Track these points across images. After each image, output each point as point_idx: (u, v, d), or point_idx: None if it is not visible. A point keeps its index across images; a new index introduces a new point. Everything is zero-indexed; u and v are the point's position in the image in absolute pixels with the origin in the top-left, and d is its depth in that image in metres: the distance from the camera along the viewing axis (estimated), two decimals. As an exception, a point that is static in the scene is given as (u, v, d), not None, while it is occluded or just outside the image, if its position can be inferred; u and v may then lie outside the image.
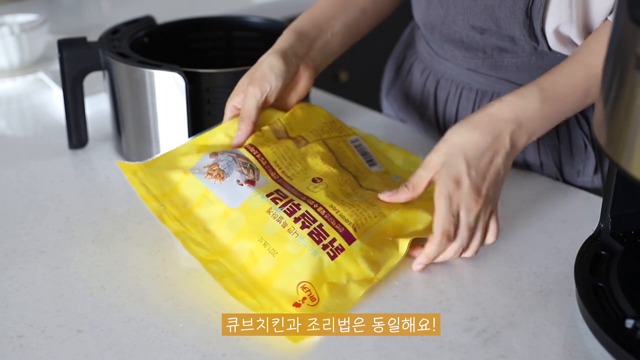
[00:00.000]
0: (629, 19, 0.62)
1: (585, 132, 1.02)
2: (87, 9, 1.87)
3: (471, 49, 1.02)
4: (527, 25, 0.93)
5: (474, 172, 0.84)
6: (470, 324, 0.77)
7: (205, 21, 1.22)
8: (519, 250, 0.88)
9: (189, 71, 1.01)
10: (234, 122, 0.95)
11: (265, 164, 0.89)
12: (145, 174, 0.89)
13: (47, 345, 0.75)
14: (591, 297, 0.76)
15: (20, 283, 0.84)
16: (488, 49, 1.01)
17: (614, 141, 0.65)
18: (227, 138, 0.95)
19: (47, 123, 1.24)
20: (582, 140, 1.02)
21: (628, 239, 0.83)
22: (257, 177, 0.87)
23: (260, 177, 0.87)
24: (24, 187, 1.04)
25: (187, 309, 0.79)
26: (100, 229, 0.94)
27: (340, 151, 0.96)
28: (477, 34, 0.99)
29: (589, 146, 1.02)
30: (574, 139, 1.03)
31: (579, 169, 1.04)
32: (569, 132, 1.02)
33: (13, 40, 1.37)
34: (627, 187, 0.81)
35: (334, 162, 0.93)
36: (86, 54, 1.06)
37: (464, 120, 0.86)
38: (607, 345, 0.72)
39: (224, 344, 0.75)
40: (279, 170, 0.90)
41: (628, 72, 0.62)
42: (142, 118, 1.04)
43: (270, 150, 0.91)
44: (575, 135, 1.02)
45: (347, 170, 0.93)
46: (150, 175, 0.89)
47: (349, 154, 0.96)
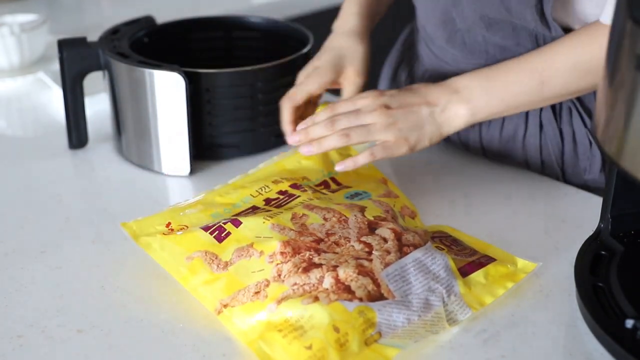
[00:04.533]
0: (629, 19, 0.62)
1: (589, 129, 1.02)
2: (87, 9, 1.87)
3: (473, 50, 1.02)
4: (539, 10, 0.92)
5: (396, 98, 0.91)
6: (470, 324, 0.77)
7: (205, 21, 1.22)
8: (518, 250, 0.88)
9: (189, 71, 1.01)
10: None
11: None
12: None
13: (47, 345, 0.75)
14: (591, 297, 0.76)
15: (20, 283, 0.84)
16: (490, 49, 1.01)
17: (613, 141, 0.65)
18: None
19: (47, 123, 1.24)
20: (587, 138, 1.02)
21: (628, 239, 0.83)
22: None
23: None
24: (24, 187, 1.04)
25: (187, 309, 0.79)
26: (100, 229, 0.94)
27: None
28: (482, 28, 0.98)
29: (594, 144, 1.02)
30: (579, 137, 1.02)
31: (584, 166, 1.04)
32: (573, 130, 1.02)
33: (13, 40, 1.37)
34: (627, 187, 0.81)
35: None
36: (86, 54, 1.06)
37: None
38: (607, 345, 0.72)
39: (224, 344, 0.75)
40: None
41: (628, 72, 0.62)
42: (142, 118, 1.04)
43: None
44: (580, 134, 1.02)
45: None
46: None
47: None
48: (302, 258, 0.78)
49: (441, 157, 1.10)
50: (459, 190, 1.01)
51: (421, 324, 0.75)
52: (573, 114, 1.02)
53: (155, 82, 1.01)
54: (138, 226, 0.86)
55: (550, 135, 1.03)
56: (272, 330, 0.73)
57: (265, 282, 0.77)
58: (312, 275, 0.76)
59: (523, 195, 1.00)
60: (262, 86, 1.06)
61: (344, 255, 0.79)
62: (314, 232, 0.82)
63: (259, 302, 0.76)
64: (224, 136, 1.07)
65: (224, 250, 0.81)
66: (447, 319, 0.76)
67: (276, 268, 0.78)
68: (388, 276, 0.77)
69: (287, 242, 0.80)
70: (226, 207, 0.89)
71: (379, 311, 0.74)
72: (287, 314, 0.73)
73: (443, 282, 0.78)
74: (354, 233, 0.82)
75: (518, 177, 1.04)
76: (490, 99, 0.91)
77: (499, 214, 0.95)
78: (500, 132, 1.06)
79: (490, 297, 0.79)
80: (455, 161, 1.09)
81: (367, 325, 0.73)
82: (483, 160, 1.08)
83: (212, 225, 0.84)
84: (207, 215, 0.87)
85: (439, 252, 0.81)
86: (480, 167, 1.07)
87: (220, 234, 0.83)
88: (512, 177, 1.04)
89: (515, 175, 1.04)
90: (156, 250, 0.83)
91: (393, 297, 0.75)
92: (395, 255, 0.79)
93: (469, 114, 0.91)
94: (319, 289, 0.75)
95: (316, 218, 0.85)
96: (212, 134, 1.07)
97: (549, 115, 1.02)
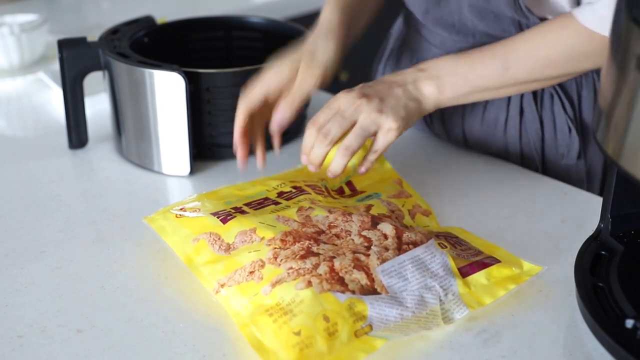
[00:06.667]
0: (629, 19, 0.62)
1: (569, 115, 1.04)
2: (87, 9, 1.87)
3: (461, 32, 1.03)
4: (512, 1, 0.94)
5: (368, 88, 0.92)
6: (470, 324, 0.77)
7: (205, 21, 1.22)
8: (519, 250, 0.88)
9: (189, 71, 1.01)
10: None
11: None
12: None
13: (47, 345, 0.75)
14: (591, 297, 0.76)
15: (20, 283, 0.84)
16: (477, 35, 1.02)
17: (614, 141, 0.65)
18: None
19: (47, 123, 1.24)
20: (567, 124, 1.04)
21: (628, 239, 0.83)
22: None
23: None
24: (24, 187, 1.04)
25: (187, 309, 0.79)
26: (100, 229, 0.94)
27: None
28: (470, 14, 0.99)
29: (574, 130, 1.04)
30: (559, 124, 1.04)
31: (562, 152, 1.06)
32: (554, 117, 1.04)
33: (13, 40, 1.37)
34: (627, 187, 0.81)
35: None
36: (86, 54, 1.06)
37: None
38: (607, 345, 0.72)
39: (224, 344, 0.75)
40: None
41: (628, 72, 0.62)
42: (142, 118, 1.04)
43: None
44: (560, 120, 1.04)
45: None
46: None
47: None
48: (301, 246, 0.80)
49: (441, 157, 1.10)
50: (459, 190, 1.01)
51: (414, 319, 0.75)
52: (554, 100, 1.04)
53: (155, 82, 1.01)
54: (158, 215, 0.89)
55: (530, 120, 1.04)
56: (264, 314, 0.74)
57: (260, 263, 0.79)
58: (308, 261, 0.78)
59: (523, 195, 1.00)
60: (262, 86, 1.05)
61: (342, 248, 0.80)
62: (316, 224, 0.84)
63: (254, 284, 0.77)
64: (223, 136, 1.07)
65: (227, 231, 0.84)
66: (443, 317, 0.76)
67: (273, 251, 0.79)
68: (384, 272, 0.78)
69: (289, 232, 0.82)
70: (239, 197, 0.92)
71: (370, 305, 0.74)
72: (279, 297, 0.75)
73: (441, 280, 0.79)
74: (355, 226, 0.84)
75: (518, 177, 1.04)
76: (455, 78, 0.93)
77: (499, 214, 0.96)
78: (482, 117, 1.07)
79: (490, 298, 0.79)
80: (456, 161, 1.09)
81: (358, 317, 0.73)
82: (483, 159, 1.08)
83: (221, 212, 0.86)
84: (221, 202, 0.90)
85: (439, 250, 0.82)
86: (481, 166, 1.07)
87: (226, 217, 0.85)
88: (513, 176, 1.04)
89: (516, 175, 1.04)
90: (168, 233, 0.86)
91: (386, 292, 0.76)
92: (393, 252, 0.80)
93: (437, 91, 0.93)
94: (313, 273, 0.76)
95: (321, 211, 0.86)
96: (212, 134, 1.07)
97: (530, 100, 1.04)
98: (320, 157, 0.90)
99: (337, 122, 0.89)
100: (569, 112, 1.04)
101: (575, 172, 1.07)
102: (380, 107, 0.89)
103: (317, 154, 0.90)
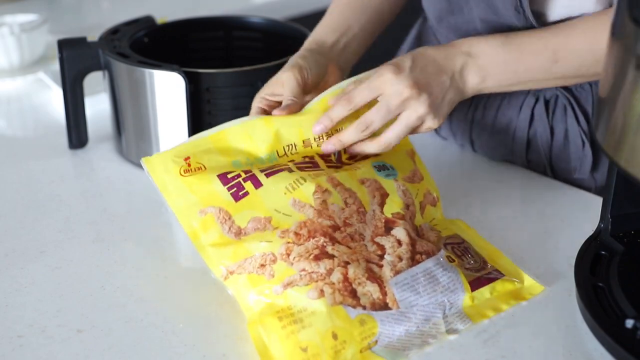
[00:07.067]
0: (629, 19, 0.62)
1: (583, 128, 1.01)
2: (87, 9, 1.87)
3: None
4: (521, 10, 0.92)
5: (418, 69, 0.85)
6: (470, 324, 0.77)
7: (205, 21, 1.22)
8: (519, 250, 0.88)
9: (189, 71, 1.01)
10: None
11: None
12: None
13: (47, 345, 0.75)
14: (591, 297, 0.76)
15: (20, 283, 0.84)
16: None
17: (614, 141, 0.65)
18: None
19: (47, 123, 1.24)
20: (580, 137, 1.02)
21: (628, 239, 0.83)
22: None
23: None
24: (24, 187, 1.04)
25: (187, 309, 0.79)
26: (100, 229, 0.94)
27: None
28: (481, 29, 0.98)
29: (587, 144, 1.02)
30: (572, 136, 1.02)
31: (575, 166, 1.04)
32: (566, 129, 1.02)
33: (13, 40, 1.37)
34: (627, 187, 0.81)
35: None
36: (86, 54, 1.06)
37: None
38: (607, 345, 0.72)
39: (224, 344, 0.75)
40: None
41: (628, 72, 0.62)
42: (142, 118, 1.04)
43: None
44: (573, 132, 1.02)
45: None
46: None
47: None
48: (315, 244, 0.78)
49: (441, 157, 1.10)
50: (459, 190, 1.01)
51: (417, 334, 0.75)
52: (568, 112, 1.01)
53: (155, 82, 1.01)
54: (159, 160, 0.83)
55: (540, 130, 1.03)
56: (274, 316, 0.73)
57: (272, 257, 0.77)
58: (322, 264, 0.76)
59: (523, 195, 1.00)
60: (262, 86, 1.05)
61: (356, 254, 0.78)
62: (332, 215, 0.81)
63: (265, 279, 0.76)
64: (224, 136, 1.06)
65: (239, 212, 0.80)
66: (447, 329, 0.76)
67: (286, 246, 0.77)
68: (397, 284, 0.77)
69: (304, 222, 0.79)
70: (249, 157, 0.86)
71: (381, 322, 0.74)
72: (290, 301, 0.74)
73: (450, 295, 0.78)
74: (369, 231, 0.81)
75: (518, 177, 1.04)
76: (502, 69, 0.89)
77: (499, 214, 0.95)
78: (493, 124, 1.06)
79: (492, 312, 0.79)
80: (456, 161, 1.09)
81: (367, 334, 0.73)
82: (483, 159, 1.08)
83: (230, 178, 0.82)
84: (229, 161, 0.84)
85: (449, 264, 0.81)
86: (481, 166, 1.07)
87: (238, 192, 0.81)
88: (513, 177, 1.04)
89: (516, 175, 1.04)
90: (171, 193, 0.81)
91: (398, 307, 0.75)
92: (407, 262, 0.79)
93: (479, 81, 0.89)
94: (326, 280, 0.75)
95: (338, 199, 0.82)
96: (212, 134, 1.07)
97: (541, 110, 1.02)
98: (349, 142, 0.86)
99: (382, 115, 0.84)
100: (582, 125, 1.01)
101: (586, 187, 1.04)
102: (428, 104, 0.85)
103: (350, 138, 0.86)
